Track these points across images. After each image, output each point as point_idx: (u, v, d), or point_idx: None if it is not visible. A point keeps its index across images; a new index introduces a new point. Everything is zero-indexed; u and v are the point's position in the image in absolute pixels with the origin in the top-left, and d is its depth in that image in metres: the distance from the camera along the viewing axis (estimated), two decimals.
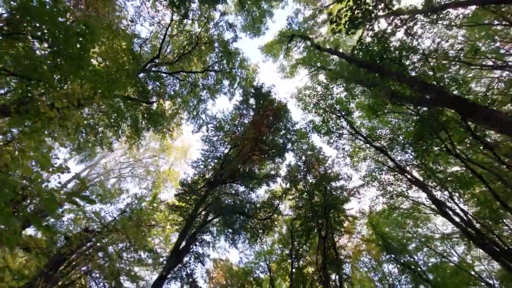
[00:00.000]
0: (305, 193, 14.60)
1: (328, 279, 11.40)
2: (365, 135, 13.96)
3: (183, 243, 11.41)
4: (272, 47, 16.18)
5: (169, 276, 11.46)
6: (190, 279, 11.81)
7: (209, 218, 13.49)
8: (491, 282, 18.31)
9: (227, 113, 16.18)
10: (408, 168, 13.58)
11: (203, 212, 13.66)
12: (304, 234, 14.46)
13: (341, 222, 13.98)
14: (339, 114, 13.89)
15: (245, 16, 15.43)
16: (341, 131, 14.34)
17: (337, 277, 11.96)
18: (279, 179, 19.39)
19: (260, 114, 13.91)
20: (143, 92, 13.05)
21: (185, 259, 13.44)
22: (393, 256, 15.41)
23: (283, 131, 16.78)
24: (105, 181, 19.35)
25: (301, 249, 19.12)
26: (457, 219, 11.32)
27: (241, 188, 18.10)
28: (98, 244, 17.80)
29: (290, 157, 17.35)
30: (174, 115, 15.97)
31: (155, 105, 14.57)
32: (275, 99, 14.33)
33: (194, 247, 12.95)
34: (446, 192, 13.24)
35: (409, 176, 11.70)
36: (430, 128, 9.19)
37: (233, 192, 17.31)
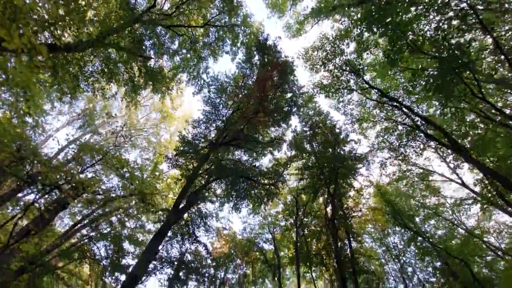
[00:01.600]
0: (312, 155, 13.85)
1: (337, 230, 10.89)
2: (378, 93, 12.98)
3: (184, 203, 10.88)
4: (278, 0, 14.97)
5: (170, 234, 11.01)
6: (193, 237, 11.39)
7: (211, 179, 12.87)
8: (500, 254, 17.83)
9: (229, 75, 15.27)
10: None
11: (206, 176, 13.08)
12: (310, 192, 13.84)
13: (351, 175, 13.26)
14: (349, 71, 12.86)
15: None
16: (352, 88, 13.34)
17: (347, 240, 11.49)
18: (284, 146, 18.74)
19: (264, 71, 12.97)
20: (138, 45, 12.14)
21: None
22: (401, 221, 14.83)
23: (289, 94, 15.87)
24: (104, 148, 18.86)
25: (305, 219, 18.74)
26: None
27: (245, 157, 17.47)
28: (101, 212, 17.58)
29: (295, 124, 16.69)
30: (173, 76, 15.10)
31: (153, 62, 13.70)
32: (281, 53, 13.31)
33: (196, 207, 12.43)
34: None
35: (426, 132, 10.81)
36: (453, 71, 8.24)
37: (236, 159, 16.68)
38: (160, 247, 9.91)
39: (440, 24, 9.07)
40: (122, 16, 10.91)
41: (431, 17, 10.00)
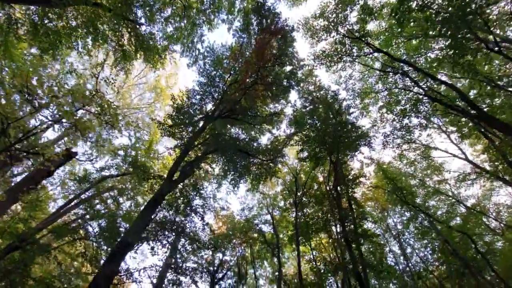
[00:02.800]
0: (313, 128, 13.26)
1: (340, 196, 10.48)
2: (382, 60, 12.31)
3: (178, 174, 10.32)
4: None
5: (164, 204, 10.49)
6: (190, 207, 10.88)
7: (208, 151, 12.30)
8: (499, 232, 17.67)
9: (226, 46, 14.51)
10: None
11: (201, 148, 12.49)
12: (312, 161, 13.32)
13: (353, 145, 12.74)
14: (352, 37, 12.14)
15: None
16: (355, 54, 12.65)
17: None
18: (283, 124, 18.14)
19: (263, 36, 12.23)
20: (127, 7, 11.30)
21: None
22: (402, 198, 14.44)
23: (288, 67, 15.18)
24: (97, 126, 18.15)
25: (304, 198, 18.34)
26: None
27: (242, 135, 16.89)
28: (94, 191, 16.99)
29: (295, 99, 16.09)
30: (167, 46, 14.29)
31: (144, 29, 12.87)
32: (280, 16, 12.54)
33: (192, 179, 11.88)
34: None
35: (433, 98, 10.22)
36: (467, 24, 7.59)
37: (234, 136, 16.08)
38: (154, 215, 9.39)
39: None
40: None
41: None
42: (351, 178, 11.89)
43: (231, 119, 13.91)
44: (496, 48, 7.32)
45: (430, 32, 9.14)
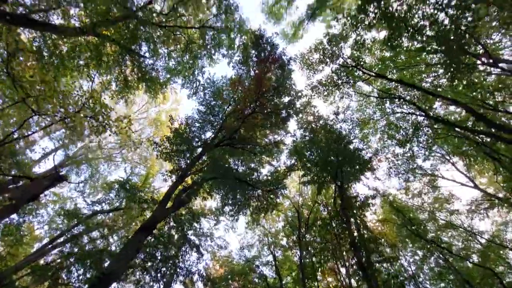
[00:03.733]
0: (314, 154, 12.90)
1: (348, 218, 9.50)
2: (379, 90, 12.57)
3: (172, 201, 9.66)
4: (274, 8, 15.33)
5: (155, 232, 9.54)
6: (186, 239, 9.85)
7: (206, 178, 11.72)
8: None
9: (226, 78, 15.02)
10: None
11: (198, 175, 11.96)
12: (315, 184, 12.54)
13: (358, 170, 12.13)
14: (349, 66, 12.59)
15: None
16: (354, 81, 12.92)
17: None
18: (283, 155, 17.83)
19: (262, 66, 12.66)
20: (132, 41, 11.90)
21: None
22: (414, 231, 13.41)
23: (287, 98, 15.49)
24: (94, 161, 17.76)
25: (307, 235, 17.08)
26: None
27: (242, 167, 16.47)
28: (84, 228, 15.84)
29: (294, 129, 16.00)
30: (168, 80, 14.77)
31: (146, 62, 13.40)
32: (277, 47, 13.14)
33: (187, 209, 11.06)
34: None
35: (436, 117, 10.10)
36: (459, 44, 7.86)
37: (233, 166, 15.64)
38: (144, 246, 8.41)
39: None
40: (118, 9, 10.80)
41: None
42: (359, 201, 11.14)
43: (230, 147, 13.65)
44: (491, 61, 7.43)
45: (424, 57, 9.39)
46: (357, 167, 12.78)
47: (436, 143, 15.44)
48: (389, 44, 10.00)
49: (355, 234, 9.24)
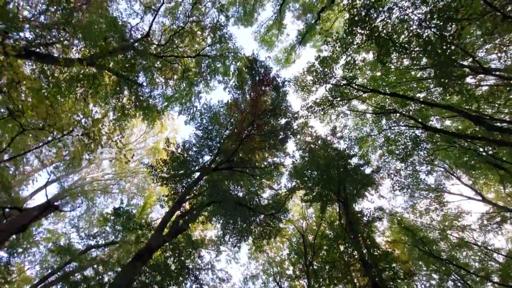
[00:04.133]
0: (315, 172, 12.61)
1: (355, 234, 8.82)
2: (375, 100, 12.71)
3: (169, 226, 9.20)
4: (266, 36, 16.08)
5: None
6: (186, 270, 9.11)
7: (204, 203, 11.29)
8: None
9: (222, 103, 15.24)
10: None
11: (196, 200, 11.55)
12: (318, 201, 11.98)
13: (361, 187, 11.67)
14: (344, 84, 12.85)
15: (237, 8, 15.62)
16: (348, 98, 13.08)
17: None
18: (283, 179, 17.49)
19: (257, 88, 12.91)
20: (130, 71, 12.25)
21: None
22: (427, 250, 12.66)
23: (283, 120, 15.61)
24: (90, 193, 17.27)
25: (316, 262, 16.10)
26: None
27: (241, 193, 16.07)
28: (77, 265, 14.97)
29: (293, 150, 16.12)
30: (165, 108, 14.98)
31: (144, 91, 13.68)
32: (271, 69, 13.49)
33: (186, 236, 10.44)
34: None
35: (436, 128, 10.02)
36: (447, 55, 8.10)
37: (233, 193, 15.23)
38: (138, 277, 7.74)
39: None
40: (116, 40, 11.28)
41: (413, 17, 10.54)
42: (365, 216, 10.59)
43: (229, 171, 13.40)
44: (481, 70, 7.57)
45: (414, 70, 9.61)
46: (359, 183, 12.46)
47: (437, 157, 15.29)
48: (380, 61, 10.31)
49: (365, 251, 8.63)
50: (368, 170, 14.18)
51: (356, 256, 8.56)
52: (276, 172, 17.35)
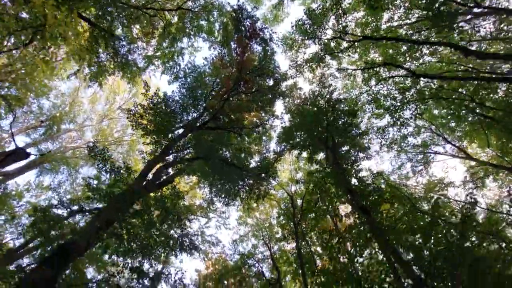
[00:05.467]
0: (303, 130, 12.33)
1: (342, 170, 8.78)
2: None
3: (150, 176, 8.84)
4: None
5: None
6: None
7: (189, 158, 10.94)
8: None
9: (208, 60, 14.52)
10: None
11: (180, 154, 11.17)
12: (304, 148, 11.84)
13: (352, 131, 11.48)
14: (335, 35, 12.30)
15: None
16: (340, 50, 12.63)
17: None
18: (272, 144, 17.29)
19: (242, 41, 12.28)
20: (106, 21, 11.34)
21: None
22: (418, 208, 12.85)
23: (271, 81, 15.11)
24: (72, 160, 16.63)
25: (305, 225, 16.28)
26: None
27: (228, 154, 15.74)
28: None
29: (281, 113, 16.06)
30: (147, 66, 14.20)
31: (124, 46, 12.78)
32: (258, 19, 12.79)
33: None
34: None
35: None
36: None
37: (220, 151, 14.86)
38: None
39: None
40: None
41: None
42: (352, 157, 10.47)
43: (216, 131, 12.97)
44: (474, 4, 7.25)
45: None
46: (348, 126, 12.10)
47: (424, 118, 15.37)
48: (370, 6, 9.85)
49: (352, 182, 8.60)
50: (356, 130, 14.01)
51: (342, 189, 8.50)
52: (264, 136, 17.11)
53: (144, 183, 7.91)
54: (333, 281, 6.93)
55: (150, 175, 9.61)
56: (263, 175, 14.08)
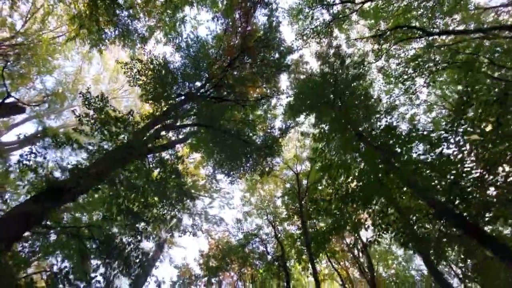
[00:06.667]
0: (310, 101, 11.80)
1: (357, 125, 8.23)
2: None
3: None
4: None
5: None
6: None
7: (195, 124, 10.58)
8: None
9: (211, 32, 14.10)
10: None
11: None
12: (312, 113, 11.35)
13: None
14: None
15: None
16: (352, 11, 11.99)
17: None
18: (277, 122, 16.81)
19: (247, 6, 11.80)
20: None
21: None
22: None
23: (276, 54, 14.59)
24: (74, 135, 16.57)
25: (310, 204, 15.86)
26: None
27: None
28: None
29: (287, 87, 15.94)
30: (150, 35, 13.82)
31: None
32: None
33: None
34: None
35: None
36: None
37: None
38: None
39: None
40: None
41: None
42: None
43: (219, 101, 12.55)
44: None
45: None
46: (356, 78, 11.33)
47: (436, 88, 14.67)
48: None
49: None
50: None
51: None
52: (269, 114, 16.69)
53: (143, 142, 7.59)
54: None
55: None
56: (267, 150, 13.72)
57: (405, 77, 11.56)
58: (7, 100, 8.60)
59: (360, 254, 16.39)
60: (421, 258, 18.03)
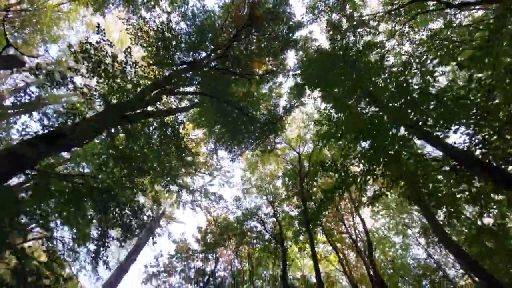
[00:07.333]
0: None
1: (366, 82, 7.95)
2: None
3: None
4: None
5: None
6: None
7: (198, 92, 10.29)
8: None
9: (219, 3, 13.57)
10: None
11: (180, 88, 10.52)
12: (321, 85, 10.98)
13: None
14: None
15: None
16: None
17: None
18: (281, 101, 16.45)
19: None
20: None
21: None
22: None
23: (285, 28, 14.06)
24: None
25: (311, 187, 15.74)
26: None
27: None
28: None
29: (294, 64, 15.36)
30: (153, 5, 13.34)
31: None
32: None
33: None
34: None
35: None
36: None
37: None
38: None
39: None
40: None
41: None
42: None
43: (224, 73, 12.20)
44: None
45: None
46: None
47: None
48: None
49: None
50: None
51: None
52: (274, 93, 16.34)
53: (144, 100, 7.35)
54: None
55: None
56: (271, 126, 13.47)
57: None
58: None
59: (358, 238, 16.39)
60: (418, 245, 18.02)
